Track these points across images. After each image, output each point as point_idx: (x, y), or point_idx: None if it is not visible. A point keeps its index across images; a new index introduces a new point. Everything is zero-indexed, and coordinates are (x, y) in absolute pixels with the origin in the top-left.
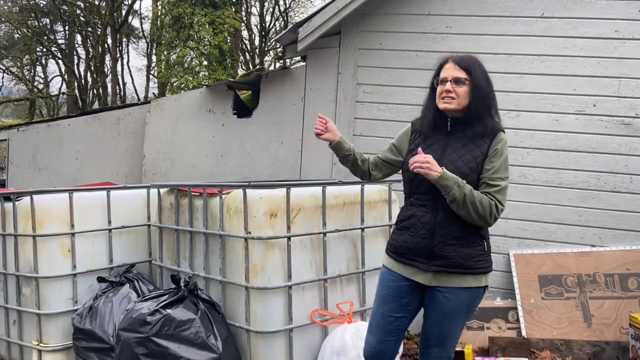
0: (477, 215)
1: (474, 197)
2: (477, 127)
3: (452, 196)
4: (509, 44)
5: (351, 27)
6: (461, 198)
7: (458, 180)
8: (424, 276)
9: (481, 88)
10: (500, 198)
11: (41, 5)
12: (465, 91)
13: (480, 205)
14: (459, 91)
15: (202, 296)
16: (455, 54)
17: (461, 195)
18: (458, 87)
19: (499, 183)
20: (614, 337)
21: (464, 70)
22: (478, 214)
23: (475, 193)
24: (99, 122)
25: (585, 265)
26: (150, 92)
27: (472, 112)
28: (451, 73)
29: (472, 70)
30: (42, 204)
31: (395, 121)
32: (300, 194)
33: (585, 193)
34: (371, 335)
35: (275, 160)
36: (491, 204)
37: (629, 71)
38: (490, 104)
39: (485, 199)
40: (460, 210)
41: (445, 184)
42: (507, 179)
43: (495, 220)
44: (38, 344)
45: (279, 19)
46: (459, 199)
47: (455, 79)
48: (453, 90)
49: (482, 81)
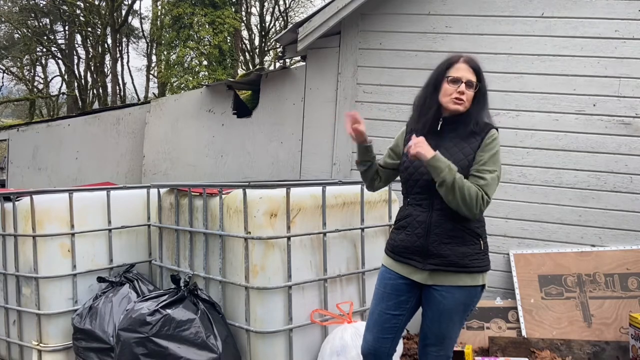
0: (464, 203)
1: (463, 184)
2: (472, 127)
3: (442, 177)
4: (509, 44)
5: (351, 27)
6: (451, 181)
7: (450, 164)
8: (420, 275)
9: (485, 93)
10: (487, 190)
11: (41, 5)
12: (472, 95)
13: (467, 193)
14: (469, 95)
15: (202, 296)
16: (466, 54)
17: (451, 178)
18: (468, 90)
19: (486, 176)
20: (614, 337)
21: (475, 74)
22: (465, 201)
23: (465, 181)
24: (98, 122)
25: (585, 265)
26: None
27: (473, 114)
28: (465, 75)
29: (481, 74)
30: (42, 204)
31: (395, 121)
32: (300, 194)
33: (585, 193)
34: (369, 333)
35: (275, 160)
36: (478, 194)
37: (629, 71)
38: (486, 105)
39: (473, 188)
40: (448, 195)
41: (438, 165)
42: (496, 172)
43: (480, 212)
44: (38, 344)
45: (279, 19)
46: (449, 182)
47: (468, 82)
48: (465, 92)
49: (485, 85)
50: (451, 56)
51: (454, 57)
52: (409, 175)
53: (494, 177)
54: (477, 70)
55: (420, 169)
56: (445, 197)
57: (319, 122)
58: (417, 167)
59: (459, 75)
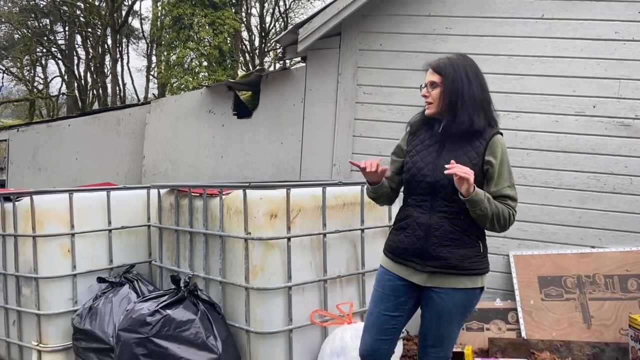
0: (499, 225)
1: (499, 209)
2: (472, 128)
3: (483, 210)
4: (509, 45)
5: (351, 28)
6: (491, 212)
7: (488, 196)
8: (419, 277)
9: (450, 85)
10: (514, 205)
11: (41, 6)
12: (438, 92)
13: (502, 216)
14: (433, 94)
15: (202, 297)
16: (432, 59)
17: (492, 210)
18: (432, 90)
19: (510, 193)
20: (613, 339)
21: (437, 73)
22: (500, 224)
23: (498, 205)
24: (98, 123)
25: (585, 266)
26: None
27: (445, 110)
28: (427, 78)
29: (441, 71)
30: (42, 204)
31: (396, 122)
32: (300, 195)
33: (585, 194)
34: (367, 334)
35: (275, 160)
36: (510, 214)
37: (629, 72)
38: (471, 101)
39: (506, 210)
40: (486, 222)
41: (479, 199)
42: (513, 183)
43: (510, 226)
44: (38, 344)
45: (279, 19)
46: (489, 214)
47: (429, 83)
48: (429, 94)
49: (450, 79)
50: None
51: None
52: (411, 177)
53: (515, 191)
54: (437, 70)
55: (423, 170)
56: (482, 224)
57: (319, 123)
58: (420, 168)
59: (423, 81)
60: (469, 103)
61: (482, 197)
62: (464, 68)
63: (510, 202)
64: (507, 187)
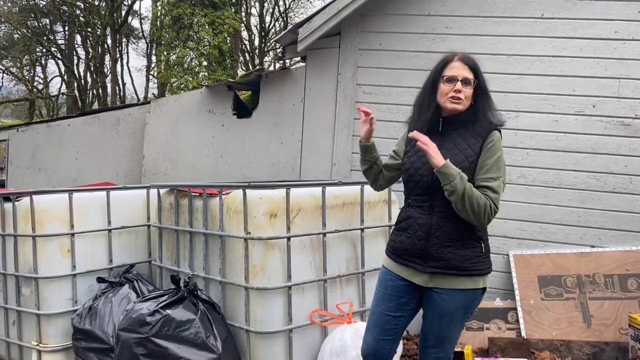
0: (473, 213)
1: (472, 193)
2: (474, 128)
3: (453, 186)
4: (509, 45)
5: (351, 27)
6: (461, 190)
7: (461, 173)
8: (420, 277)
9: (485, 90)
10: (494, 198)
11: (41, 6)
12: (471, 92)
13: (477, 203)
14: (467, 92)
15: (202, 296)
16: (461, 52)
17: (462, 187)
18: (466, 88)
19: (492, 185)
20: (613, 338)
21: (471, 71)
22: (474, 211)
23: (474, 190)
24: (98, 123)
25: (584, 265)
26: (149, 93)
27: (474, 113)
28: (460, 72)
29: (477, 71)
30: (41, 204)
31: (395, 122)
32: (300, 195)
33: (585, 194)
34: (369, 334)
35: (275, 160)
36: (486, 204)
37: (629, 72)
38: (488, 105)
39: (482, 199)
40: (458, 204)
41: (450, 172)
42: (500, 178)
43: (488, 221)
44: (37, 344)
45: (279, 19)
46: (460, 191)
47: (464, 80)
48: (462, 91)
49: (484, 82)
50: (446, 55)
51: (449, 56)
52: (409, 177)
53: (499, 184)
54: (473, 68)
55: (420, 170)
56: (455, 206)
57: (318, 122)
58: (417, 168)
59: (453, 73)
60: (489, 106)
61: (454, 173)
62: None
63: (489, 193)
64: (490, 178)
